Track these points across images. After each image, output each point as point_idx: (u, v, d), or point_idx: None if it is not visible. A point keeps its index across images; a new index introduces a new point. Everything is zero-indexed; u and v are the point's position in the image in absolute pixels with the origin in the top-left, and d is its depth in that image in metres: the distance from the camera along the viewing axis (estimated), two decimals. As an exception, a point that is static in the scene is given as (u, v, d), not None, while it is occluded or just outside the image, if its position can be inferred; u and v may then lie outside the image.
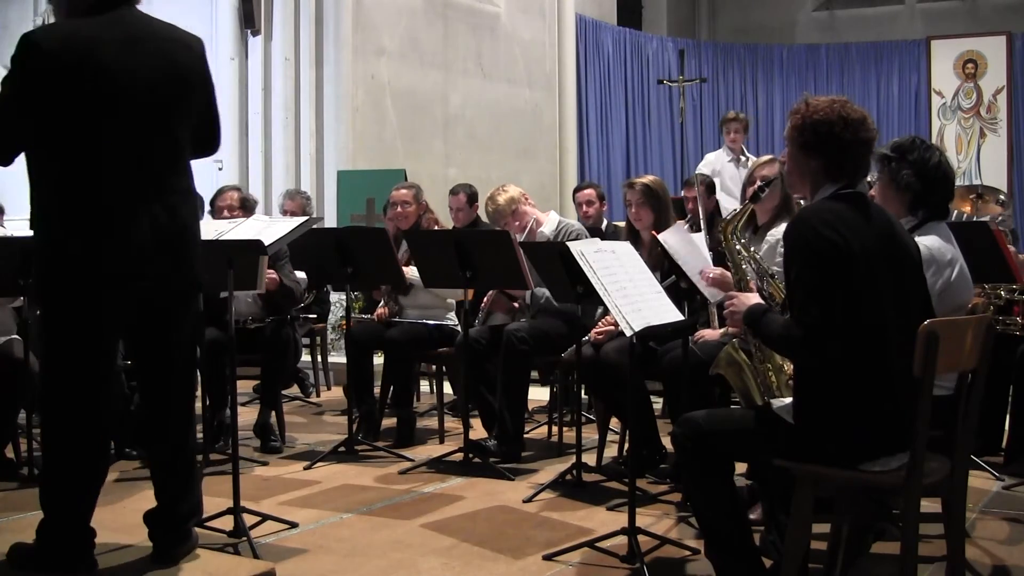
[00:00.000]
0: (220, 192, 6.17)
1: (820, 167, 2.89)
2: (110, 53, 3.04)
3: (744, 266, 3.34)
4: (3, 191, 6.27)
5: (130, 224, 3.07)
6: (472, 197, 6.46)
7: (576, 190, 7.24)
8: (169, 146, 3.18)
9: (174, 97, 3.17)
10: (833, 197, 2.86)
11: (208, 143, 3.38)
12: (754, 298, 2.98)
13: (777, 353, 3.11)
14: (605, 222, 7.00)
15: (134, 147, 3.09)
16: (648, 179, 5.01)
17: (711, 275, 4.07)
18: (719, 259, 4.05)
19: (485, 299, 5.83)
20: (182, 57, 3.21)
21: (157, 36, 3.18)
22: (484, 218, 6.50)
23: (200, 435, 5.27)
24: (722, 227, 3.40)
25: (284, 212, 7.10)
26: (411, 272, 5.55)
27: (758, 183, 3.87)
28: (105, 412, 3.15)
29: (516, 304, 5.71)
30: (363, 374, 5.68)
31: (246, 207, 5.98)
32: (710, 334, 4.40)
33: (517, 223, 5.57)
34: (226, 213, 5.82)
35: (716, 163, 8.82)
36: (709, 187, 7.04)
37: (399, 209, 5.94)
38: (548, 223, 5.61)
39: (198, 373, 6.00)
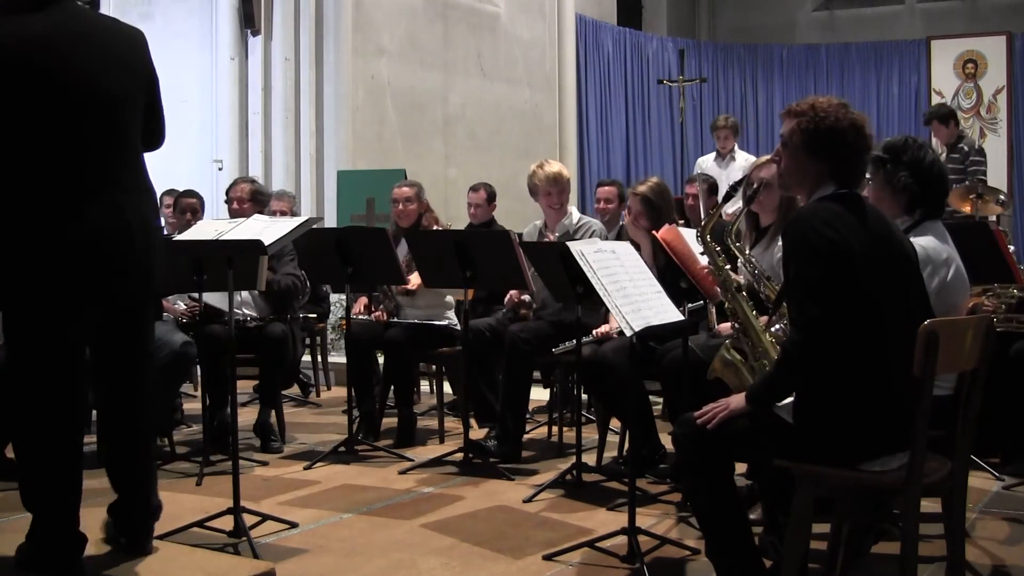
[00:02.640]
0: (234, 183, 6.05)
1: (825, 170, 2.88)
2: (57, 49, 3.01)
3: (726, 267, 3.35)
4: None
5: (68, 221, 3.01)
6: (492, 196, 6.49)
7: (599, 184, 7.16)
8: (119, 141, 3.15)
9: (122, 90, 3.15)
10: (831, 198, 2.86)
11: (154, 136, 3.35)
12: (738, 396, 2.91)
13: (790, 387, 2.90)
14: (621, 221, 7.00)
15: (80, 143, 3.05)
16: (647, 186, 4.98)
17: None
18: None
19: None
20: (127, 50, 3.20)
21: (101, 30, 3.17)
22: (499, 220, 6.52)
23: (200, 435, 5.28)
24: (699, 230, 3.41)
25: (272, 213, 7.06)
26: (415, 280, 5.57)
27: (754, 185, 3.86)
28: (72, 411, 3.12)
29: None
30: (363, 374, 5.68)
31: (257, 200, 5.84)
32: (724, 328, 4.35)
33: (545, 198, 5.54)
34: (235, 205, 5.73)
35: (703, 164, 8.96)
36: (711, 187, 7.07)
37: (400, 207, 5.92)
38: (570, 215, 5.63)
39: (197, 369, 6.07)
